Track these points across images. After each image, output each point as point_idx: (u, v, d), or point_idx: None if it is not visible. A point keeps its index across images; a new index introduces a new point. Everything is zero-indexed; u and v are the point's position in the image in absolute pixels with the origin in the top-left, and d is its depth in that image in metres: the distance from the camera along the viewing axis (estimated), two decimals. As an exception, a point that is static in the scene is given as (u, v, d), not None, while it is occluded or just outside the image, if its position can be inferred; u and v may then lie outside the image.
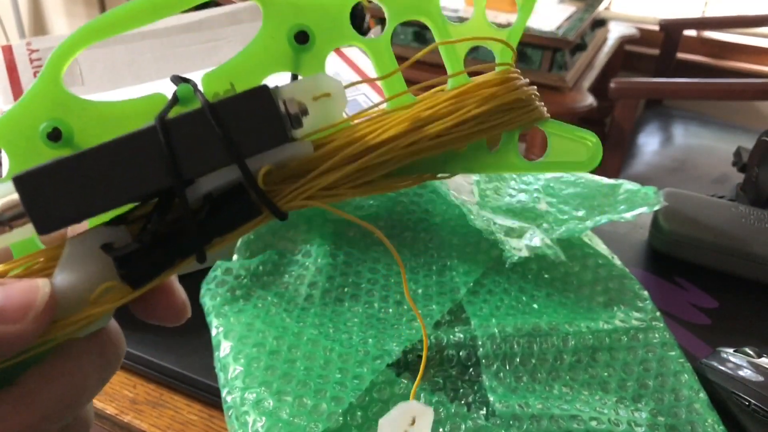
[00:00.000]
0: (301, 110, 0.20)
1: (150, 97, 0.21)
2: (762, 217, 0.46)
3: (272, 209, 0.19)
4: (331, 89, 0.20)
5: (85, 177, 0.18)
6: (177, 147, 0.18)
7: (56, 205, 0.18)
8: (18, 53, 0.49)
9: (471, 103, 0.22)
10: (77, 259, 0.18)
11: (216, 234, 0.19)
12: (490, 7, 1.21)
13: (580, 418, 0.30)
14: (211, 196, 0.19)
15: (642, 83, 1.17)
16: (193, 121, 0.19)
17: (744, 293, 0.44)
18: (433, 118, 0.21)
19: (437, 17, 0.23)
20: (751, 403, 0.33)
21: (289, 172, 0.20)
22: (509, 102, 0.22)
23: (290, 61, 0.22)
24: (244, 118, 0.19)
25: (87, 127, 0.20)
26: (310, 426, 0.29)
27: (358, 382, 0.31)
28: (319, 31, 0.22)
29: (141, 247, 0.19)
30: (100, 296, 0.18)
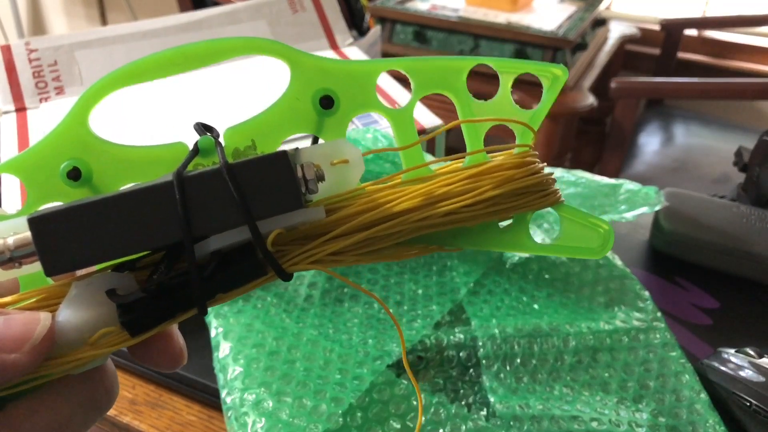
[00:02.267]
0: (318, 176, 0.20)
1: (172, 146, 0.21)
2: (763, 217, 0.46)
3: (278, 271, 0.20)
4: (350, 156, 0.20)
5: (98, 224, 0.18)
6: (191, 204, 0.18)
7: (67, 249, 0.18)
8: (17, 53, 0.49)
9: (487, 184, 0.22)
10: (81, 301, 0.19)
11: (220, 290, 0.20)
12: (490, 7, 1.21)
13: (580, 418, 0.30)
14: (219, 253, 0.19)
15: (643, 83, 1.17)
16: (209, 180, 0.19)
17: (745, 293, 0.43)
18: (447, 195, 0.21)
19: (462, 94, 0.23)
20: (752, 403, 0.33)
21: (299, 234, 0.20)
22: (525, 186, 0.22)
23: (313, 124, 0.22)
24: (261, 181, 0.19)
25: (106, 169, 0.20)
26: (310, 427, 0.29)
27: (357, 383, 0.31)
28: (344, 97, 0.22)
29: (145, 297, 0.19)
30: (98, 340, 0.19)
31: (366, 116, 0.46)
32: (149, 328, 0.19)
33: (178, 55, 0.21)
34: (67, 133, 0.20)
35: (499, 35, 1.14)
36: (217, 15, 0.54)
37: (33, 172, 0.20)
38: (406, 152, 0.23)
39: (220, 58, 0.21)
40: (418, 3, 1.24)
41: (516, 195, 0.22)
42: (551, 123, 1.12)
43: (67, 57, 0.50)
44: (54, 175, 0.20)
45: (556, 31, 1.11)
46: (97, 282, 0.19)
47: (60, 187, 0.20)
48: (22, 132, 0.45)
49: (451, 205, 0.21)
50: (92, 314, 0.19)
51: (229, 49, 0.21)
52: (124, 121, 0.45)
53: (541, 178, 0.23)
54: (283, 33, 0.55)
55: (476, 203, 0.21)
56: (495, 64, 0.23)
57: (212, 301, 0.20)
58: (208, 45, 0.21)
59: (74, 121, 0.20)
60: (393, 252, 0.22)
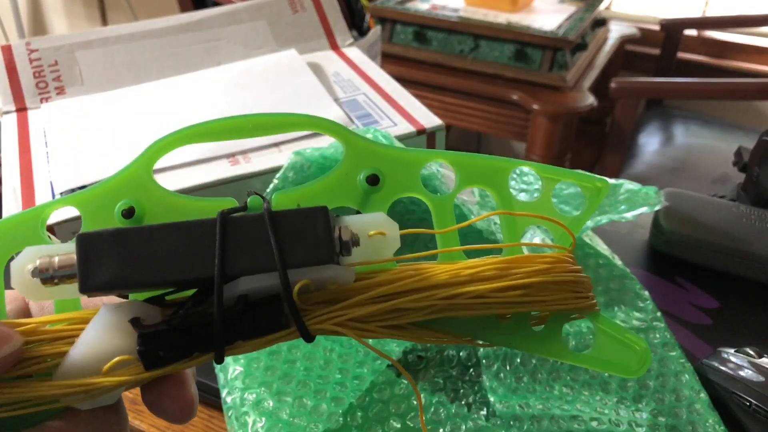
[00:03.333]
0: (353, 240, 0.20)
1: (222, 200, 0.22)
2: (763, 217, 0.46)
3: (300, 326, 0.20)
4: (388, 230, 0.21)
5: (139, 250, 0.19)
6: (229, 243, 0.19)
7: (105, 270, 0.19)
8: (17, 53, 0.49)
9: (518, 273, 0.22)
10: (105, 325, 0.19)
11: (241, 336, 0.20)
12: (490, 7, 1.21)
13: (580, 418, 0.30)
14: (246, 298, 0.20)
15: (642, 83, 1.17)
16: (250, 223, 0.19)
17: (745, 293, 0.43)
18: (473, 278, 0.21)
19: (505, 192, 0.24)
20: (752, 403, 0.33)
21: (326, 296, 0.21)
22: (559, 282, 0.22)
23: (358, 199, 0.23)
24: (298, 232, 0.20)
25: (158, 213, 0.22)
26: (310, 426, 0.29)
27: (358, 383, 0.31)
28: (390, 178, 0.23)
29: (166, 330, 0.19)
30: (112, 368, 0.19)
31: (366, 116, 0.46)
32: (164, 364, 0.19)
33: (246, 123, 0.22)
34: (132, 176, 0.22)
35: (499, 35, 1.14)
36: (218, 15, 0.55)
37: (93, 206, 0.22)
38: (442, 236, 0.23)
39: (284, 131, 0.23)
40: (418, 3, 1.24)
41: (549, 290, 0.22)
42: (551, 123, 1.12)
43: (68, 57, 0.50)
44: (110, 212, 0.21)
45: (556, 32, 1.12)
46: (123, 309, 0.20)
47: (113, 223, 0.21)
48: (22, 132, 0.45)
49: (479, 287, 0.21)
50: (113, 339, 0.19)
51: (295, 124, 0.23)
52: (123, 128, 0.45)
53: (577, 278, 0.22)
54: (284, 33, 0.55)
55: (507, 288, 0.21)
56: (539, 170, 0.24)
57: (231, 348, 0.20)
58: (276, 118, 0.23)
59: (140, 167, 0.22)
60: (420, 333, 0.22)
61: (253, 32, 0.55)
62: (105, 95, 0.48)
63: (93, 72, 0.50)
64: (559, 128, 1.13)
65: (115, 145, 0.42)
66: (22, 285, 0.19)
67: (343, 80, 0.51)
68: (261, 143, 0.42)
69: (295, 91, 0.48)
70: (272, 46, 0.55)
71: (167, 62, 0.51)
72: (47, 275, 0.19)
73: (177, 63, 0.52)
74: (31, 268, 0.19)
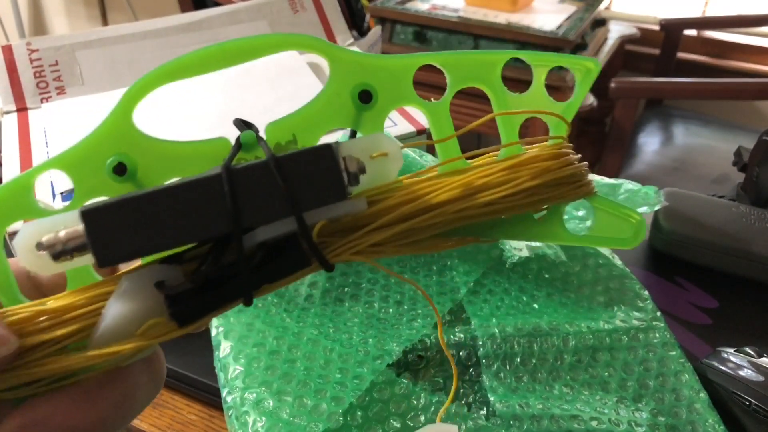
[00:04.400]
0: (359, 168, 0.20)
1: (214, 141, 0.21)
2: (762, 217, 0.46)
3: (321, 261, 0.20)
4: (389, 150, 0.21)
5: (148, 217, 0.18)
6: (239, 196, 0.19)
7: (118, 241, 0.18)
8: (18, 53, 0.49)
9: (524, 175, 0.22)
10: (131, 293, 0.19)
11: (266, 281, 0.20)
12: (490, 7, 1.21)
13: (580, 418, 0.30)
14: (265, 245, 0.20)
15: (642, 83, 1.17)
16: (257, 173, 0.19)
17: (744, 293, 0.44)
18: (486, 186, 0.22)
19: (498, 87, 0.23)
20: (751, 403, 0.33)
21: (341, 226, 0.21)
22: (561, 177, 0.23)
23: (352, 118, 0.22)
24: (306, 173, 0.19)
25: (151, 164, 0.21)
26: (311, 426, 0.29)
27: (358, 382, 0.31)
28: (382, 91, 0.22)
29: (193, 288, 0.19)
30: (146, 331, 0.19)
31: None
32: (197, 318, 0.19)
33: (219, 51, 0.21)
34: (112, 129, 0.21)
35: (499, 35, 1.14)
36: (218, 15, 0.55)
37: (80, 167, 0.20)
38: (442, 145, 0.23)
39: (259, 55, 0.22)
40: (418, 3, 1.24)
41: (552, 186, 0.22)
42: (551, 123, 1.12)
43: (68, 57, 0.50)
44: (100, 171, 0.20)
45: (556, 31, 1.12)
46: (146, 275, 0.19)
47: (106, 182, 0.20)
48: (23, 132, 0.45)
49: (490, 195, 0.21)
50: (141, 306, 0.19)
51: (270, 45, 0.22)
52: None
53: (576, 169, 0.23)
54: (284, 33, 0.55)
55: (515, 194, 0.22)
56: (529, 57, 0.24)
57: (258, 292, 0.20)
58: (249, 41, 0.21)
59: (119, 118, 0.21)
60: (431, 243, 0.22)
61: (253, 32, 0.55)
62: (105, 95, 0.48)
63: (93, 72, 0.50)
64: (559, 128, 1.13)
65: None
66: (30, 262, 0.19)
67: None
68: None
69: (295, 91, 0.48)
70: (272, 46, 0.55)
71: (167, 62, 0.52)
72: (56, 251, 0.19)
73: (177, 63, 0.52)
74: (34, 243, 0.19)
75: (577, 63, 0.24)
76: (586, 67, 0.24)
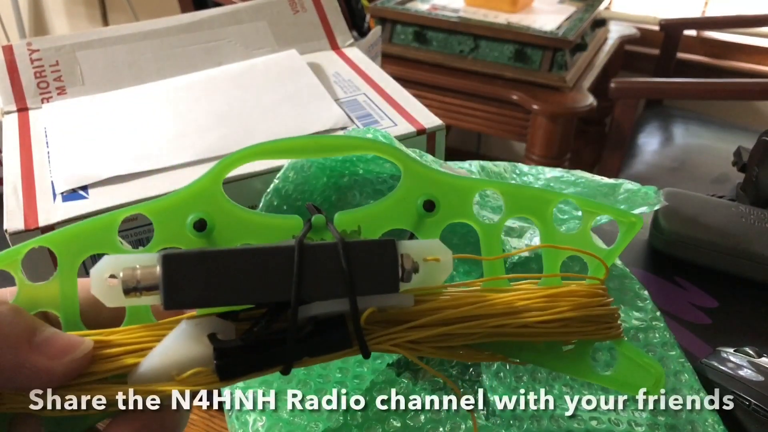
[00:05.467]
0: (413, 267, 0.22)
1: (287, 218, 0.23)
2: (762, 217, 0.46)
3: (362, 346, 0.21)
4: (442, 257, 0.22)
5: (220, 271, 0.20)
6: (305, 269, 0.20)
7: (188, 288, 0.20)
8: (18, 53, 0.49)
9: (563, 306, 0.23)
10: (185, 338, 0.21)
11: (308, 353, 0.21)
12: (490, 8, 1.21)
13: (580, 417, 0.30)
14: (315, 319, 0.21)
15: (642, 83, 1.17)
16: (325, 252, 0.21)
17: (744, 293, 0.44)
18: (526, 308, 0.23)
19: (548, 223, 0.25)
20: (751, 403, 0.33)
21: (386, 317, 0.22)
22: (595, 315, 0.24)
23: (413, 222, 0.24)
24: (368, 261, 0.21)
25: (227, 227, 0.23)
26: (311, 426, 0.29)
27: (358, 382, 0.31)
28: (444, 204, 0.24)
29: (242, 346, 0.20)
30: (188, 377, 0.20)
31: (366, 116, 0.46)
32: (238, 376, 0.21)
33: (312, 143, 0.24)
34: (202, 189, 0.23)
35: (499, 36, 1.14)
36: (218, 15, 0.55)
37: (165, 217, 0.22)
38: (488, 264, 0.25)
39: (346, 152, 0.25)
40: (418, 3, 1.24)
41: (585, 321, 0.24)
42: (551, 123, 1.12)
43: (69, 57, 0.50)
44: (182, 223, 0.22)
45: (555, 32, 1.12)
46: (203, 324, 0.21)
47: (184, 234, 0.22)
48: (23, 132, 0.45)
49: (528, 318, 0.23)
50: (190, 352, 0.20)
51: (358, 147, 0.25)
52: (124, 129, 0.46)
53: (609, 311, 0.24)
54: (284, 33, 0.56)
55: (551, 321, 0.23)
56: (580, 203, 0.26)
57: (298, 363, 0.21)
58: (340, 141, 0.25)
59: (211, 181, 0.23)
60: (466, 353, 0.23)
61: (253, 33, 0.55)
62: (106, 95, 0.48)
63: (94, 72, 0.50)
64: (559, 128, 1.13)
65: (117, 145, 0.43)
66: (101, 290, 0.20)
67: (344, 80, 0.51)
68: (261, 143, 0.42)
69: (296, 92, 0.48)
70: (273, 47, 0.55)
71: (168, 62, 0.52)
72: (129, 287, 0.20)
73: (177, 63, 0.52)
74: (108, 275, 0.20)
75: (623, 216, 0.26)
76: (630, 220, 0.26)
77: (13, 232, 0.36)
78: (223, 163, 0.23)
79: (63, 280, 0.22)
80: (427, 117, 0.45)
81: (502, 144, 1.73)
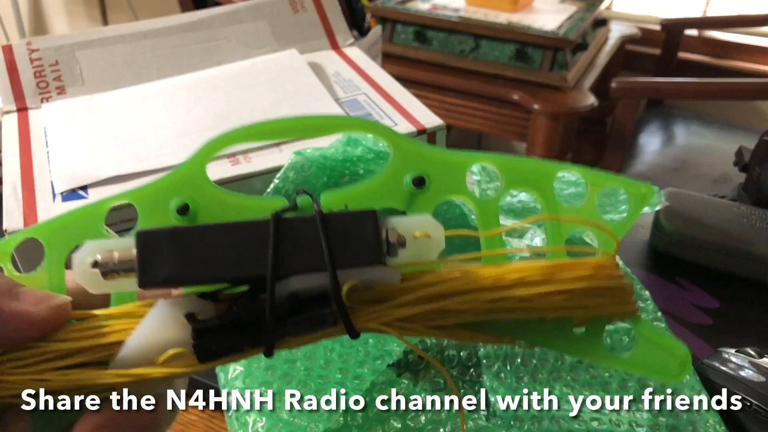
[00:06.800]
0: (399, 242, 0.21)
1: (273, 199, 0.23)
2: (763, 217, 0.46)
3: (347, 325, 0.20)
4: (433, 232, 0.21)
5: (195, 248, 0.20)
6: (282, 243, 0.20)
7: (163, 266, 0.19)
8: (18, 53, 0.49)
9: (564, 278, 0.22)
10: (161, 319, 0.20)
11: (290, 333, 0.21)
12: (490, 7, 1.21)
13: (581, 418, 0.30)
14: (296, 297, 0.20)
15: (643, 83, 1.17)
16: (302, 225, 0.20)
17: (745, 293, 0.43)
18: (518, 282, 0.22)
19: (550, 196, 0.24)
20: (752, 403, 0.33)
21: (372, 295, 0.21)
22: (603, 288, 0.22)
23: (404, 200, 0.23)
24: (348, 234, 0.20)
25: (211, 209, 0.22)
26: (311, 426, 0.29)
27: (358, 382, 0.31)
28: (436, 180, 0.23)
29: (220, 325, 0.20)
30: (167, 360, 0.20)
31: (367, 116, 0.46)
32: (217, 357, 0.20)
33: (297, 123, 0.23)
34: (186, 174, 0.22)
35: (499, 35, 1.14)
36: (218, 15, 0.55)
37: (148, 202, 0.22)
38: (486, 239, 0.24)
39: (332, 132, 0.24)
40: (418, 3, 1.24)
41: (593, 295, 0.22)
42: (551, 123, 1.12)
43: (69, 57, 0.50)
44: (165, 208, 0.22)
45: (556, 31, 1.12)
46: (180, 303, 0.20)
47: (168, 219, 0.22)
48: (23, 132, 0.45)
49: (524, 291, 0.21)
50: (168, 333, 0.20)
51: (345, 125, 0.25)
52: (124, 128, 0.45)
53: (620, 284, 0.22)
54: (284, 33, 0.55)
55: (551, 293, 0.21)
56: (584, 175, 0.24)
57: (281, 344, 0.21)
58: (326, 120, 0.24)
59: (194, 165, 0.22)
60: (464, 333, 0.22)
61: (253, 32, 0.55)
62: (105, 95, 0.48)
63: (94, 72, 0.50)
64: (560, 128, 1.13)
65: (116, 144, 0.42)
66: (83, 276, 0.20)
67: (344, 80, 0.51)
68: (261, 143, 0.42)
69: (296, 91, 0.48)
70: (273, 46, 0.55)
71: (168, 62, 0.51)
72: (107, 269, 0.20)
73: (177, 63, 0.52)
74: (91, 260, 0.20)
75: (632, 187, 0.24)
76: (641, 191, 0.24)
77: (12, 232, 0.36)
78: (207, 147, 0.22)
79: (51, 270, 0.22)
80: (428, 117, 0.45)
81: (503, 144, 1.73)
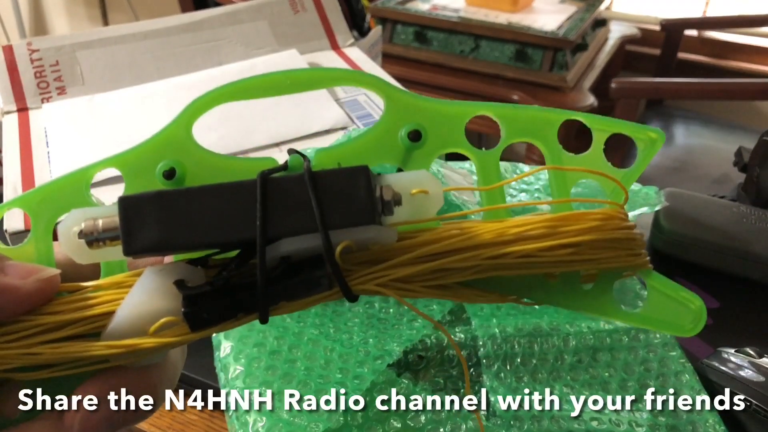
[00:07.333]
0: (395, 199, 0.20)
1: (263, 160, 0.22)
2: (763, 217, 0.46)
3: (343, 287, 0.19)
4: (430, 188, 0.20)
5: (180, 212, 0.19)
6: (270, 204, 0.19)
7: (148, 232, 0.19)
8: (19, 53, 0.49)
9: (568, 230, 0.21)
10: (149, 287, 0.19)
11: (284, 297, 0.20)
12: (490, 7, 1.21)
13: (581, 418, 0.30)
14: (288, 259, 0.19)
15: (643, 83, 1.17)
16: (291, 184, 0.19)
17: (745, 293, 0.44)
18: (520, 236, 0.20)
19: (553, 145, 0.23)
20: (752, 403, 0.33)
21: (369, 257, 0.20)
22: (611, 239, 0.21)
23: (400, 155, 0.22)
24: (339, 192, 0.19)
25: (199, 173, 0.22)
26: (311, 426, 0.29)
27: (358, 382, 0.31)
28: (433, 133, 0.22)
29: (211, 291, 0.19)
30: (159, 329, 0.19)
31: (367, 116, 0.46)
32: (209, 325, 0.19)
33: (284, 78, 0.22)
34: (171, 136, 0.21)
35: (499, 36, 1.14)
36: (219, 15, 0.55)
37: (134, 167, 0.21)
38: (487, 194, 0.23)
39: (320, 86, 0.22)
40: (418, 3, 1.24)
41: (600, 248, 0.21)
42: (552, 123, 1.12)
43: (69, 57, 0.50)
44: (151, 172, 0.21)
45: (556, 32, 1.12)
46: (168, 271, 0.19)
47: (154, 183, 0.21)
48: (23, 132, 0.45)
49: (526, 246, 0.20)
50: (158, 301, 0.19)
51: (331, 78, 0.23)
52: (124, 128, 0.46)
53: (630, 235, 0.21)
54: (285, 33, 0.55)
55: (554, 247, 0.20)
56: (589, 121, 0.23)
57: (275, 309, 0.20)
58: (313, 73, 0.22)
59: (179, 126, 0.21)
60: (465, 292, 0.21)
61: (253, 32, 0.55)
62: (106, 95, 0.48)
63: (94, 72, 0.50)
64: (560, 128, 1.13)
65: (116, 144, 0.42)
66: (69, 246, 0.19)
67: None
68: (262, 143, 0.42)
69: (296, 91, 0.48)
70: (273, 47, 0.55)
71: (168, 62, 0.52)
72: (92, 237, 0.19)
73: (178, 63, 0.52)
74: (77, 230, 0.19)
75: (640, 132, 0.23)
76: (650, 137, 0.23)
77: (13, 232, 0.36)
78: (192, 107, 0.21)
79: (38, 242, 0.21)
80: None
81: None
